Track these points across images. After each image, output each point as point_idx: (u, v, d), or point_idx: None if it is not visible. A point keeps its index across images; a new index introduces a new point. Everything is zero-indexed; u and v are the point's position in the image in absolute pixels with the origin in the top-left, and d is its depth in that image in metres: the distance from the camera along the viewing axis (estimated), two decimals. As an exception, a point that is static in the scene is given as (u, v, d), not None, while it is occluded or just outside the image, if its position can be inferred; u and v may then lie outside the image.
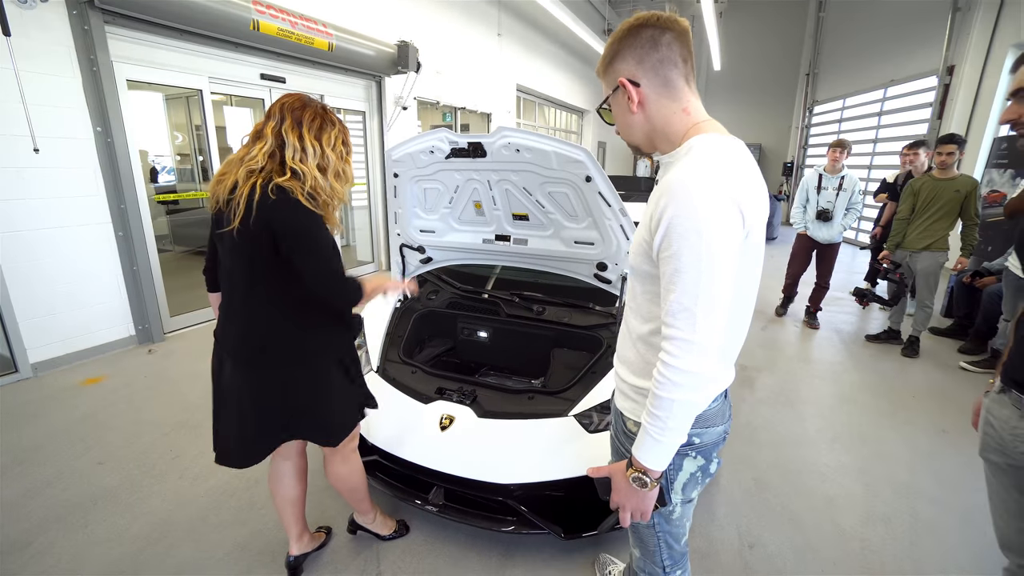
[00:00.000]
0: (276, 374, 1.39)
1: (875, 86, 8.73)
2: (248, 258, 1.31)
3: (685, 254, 0.81)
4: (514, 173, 1.95)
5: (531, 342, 2.37)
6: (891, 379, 3.40)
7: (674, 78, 0.93)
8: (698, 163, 0.85)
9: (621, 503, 0.96)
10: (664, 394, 0.85)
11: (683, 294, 0.82)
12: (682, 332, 0.83)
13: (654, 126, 0.96)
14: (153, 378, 3.26)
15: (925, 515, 2.08)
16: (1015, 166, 4.90)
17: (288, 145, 1.27)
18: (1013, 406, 1.13)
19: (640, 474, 0.91)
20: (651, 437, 0.88)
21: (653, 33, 0.90)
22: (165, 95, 6.34)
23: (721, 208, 0.82)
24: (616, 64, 0.95)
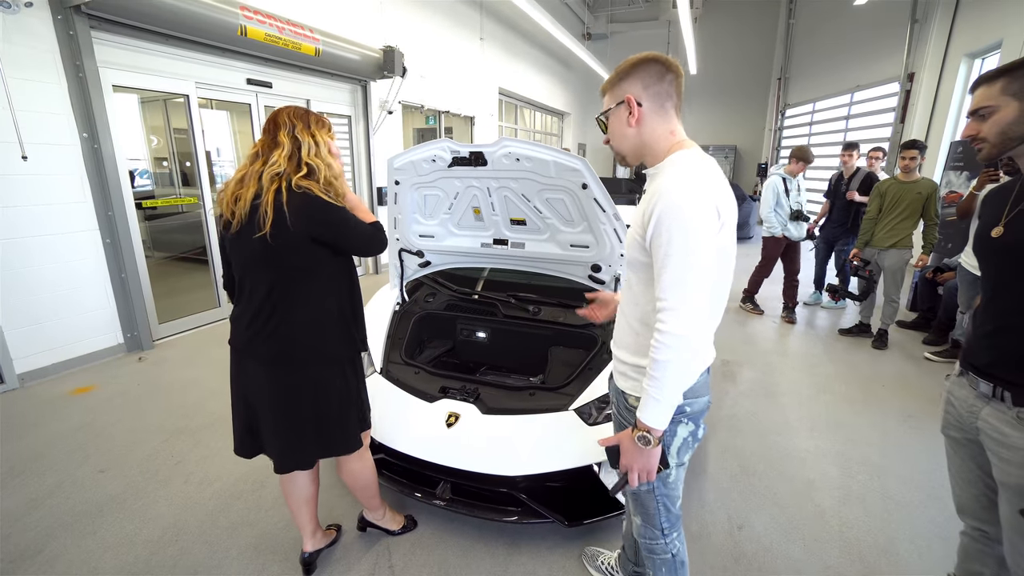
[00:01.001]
0: (305, 375, 1.49)
1: (843, 91, 9.13)
2: (280, 257, 1.39)
3: (675, 240, 1.01)
4: (513, 181, 2.04)
5: (529, 341, 2.47)
6: (862, 370, 3.62)
7: (668, 107, 1.14)
8: (681, 172, 1.06)
9: (629, 465, 1.13)
10: (661, 356, 1.02)
11: (674, 270, 1.01)
12: (674, 302, 1.01)
13: (644, 141, 1.16)
14: (146, 386, 3.25)
15: (895, 493, 2.26)
16: (970, 168, 5.22)
17: (304, 144, 1.41)
18: (969, 386, 1.28)
19: (644, 433, 1.08)
20: (652, 398, 1.05)
21: (660, 69, 1.12)
22: (141, 98, 6.23)
23: (700, 205, 1.02)
24: (625, 84, 1.14)
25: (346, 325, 1.54)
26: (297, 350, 1.47)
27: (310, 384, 1.50)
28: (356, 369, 1.63)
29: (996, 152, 1.14)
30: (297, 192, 1.36)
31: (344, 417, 1.59)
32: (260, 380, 1.50)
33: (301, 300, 1.45)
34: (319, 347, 1.49)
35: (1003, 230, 1.18)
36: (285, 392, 1.49)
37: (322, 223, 1.39)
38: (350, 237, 1.46)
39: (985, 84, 1.14)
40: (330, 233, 1.42)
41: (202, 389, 3.22)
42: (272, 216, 1.33)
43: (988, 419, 1.21)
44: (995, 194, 1.29)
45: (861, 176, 4.58)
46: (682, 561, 1.36)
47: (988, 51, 5.89)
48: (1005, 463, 1.17)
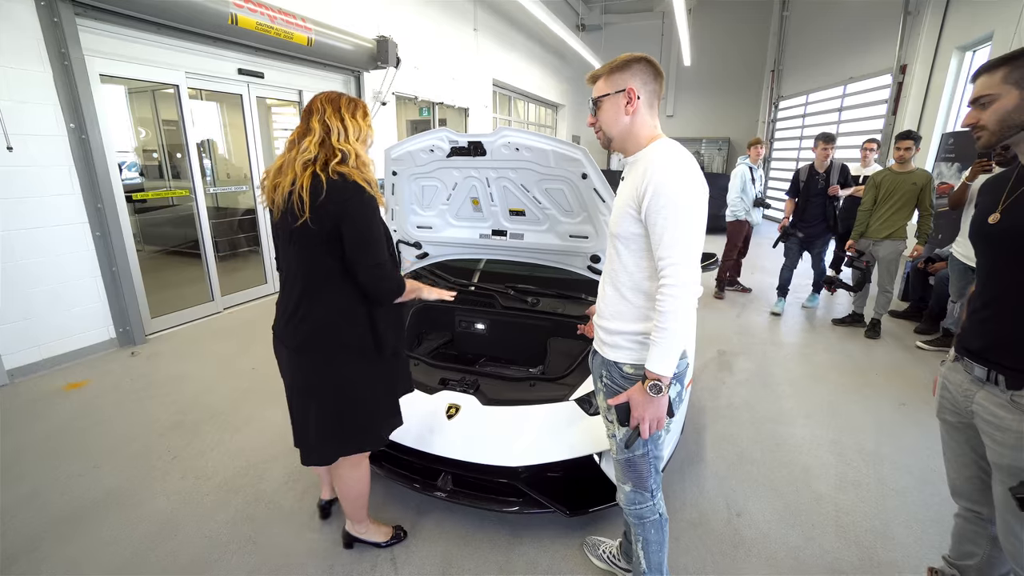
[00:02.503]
0: (328, 363, 1.48)
1: (835, 83, 9.15)
2: (312, 247, 1.40)
3: (671, 206, 1.15)
4: (512, 171, 2.03)
5: (528, 332, 2.46)
6: (856, 358, 3.66)
7: (655, 105, 1.31)
8: (669, 153, 1.22)
9: (641, 416, 1.24)
10: (669, 307, 1.15)
11: (675, 230, 1.15)
12: (677, 257, 1.15)
13: (632, 129, 1.29)
14: (140, 381, 3.21)
15: (889, 479, 2.29)
16: (961, 160, 5.26)
17: (333, 129, 1.40)
18: (964, 371, 1.30)
19: (655, 381, 1.20)
20: (661, 348, 1.18)
21: (654, 71, 1.28)
22: (128, 88, 6.11)
23: (690, 176, 1.19)
24: (627, 75, 1.26)
25: (372, 322, 1.50)
26: (320, 341, 1.46)
27: (332, 377, 1.49)
28: (386, 370, 1.57)
29: (995, 140, 1.14)
30: (334, 178, 1.35)
31: (366, 416, 1.56)
32: (291, 367, 1.54)
33: (329, 291, 1.44)
34: (343, 337, 1.47)
35: (1000, 216, 1.19)
36: (307, 382, 1.50)
37: (344, 215, 1.34)
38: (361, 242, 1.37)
39: (987, 73, 1.14)
40: (347, 223, 1.35)
41: (197, 383, 3.19)
42: (308, 201, 1.32)
43: (983, 403, 1.23)
44: (992, 182, 1.29)
45: (838, 169, 4.41)
46: (666, 518, 1.48)
47: (979, 43, 5.92)
48: (999, 445, 1.18)
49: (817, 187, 4.39)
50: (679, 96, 13.47)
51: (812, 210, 4.44)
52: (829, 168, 4.38)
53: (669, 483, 2.19)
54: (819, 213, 4.44)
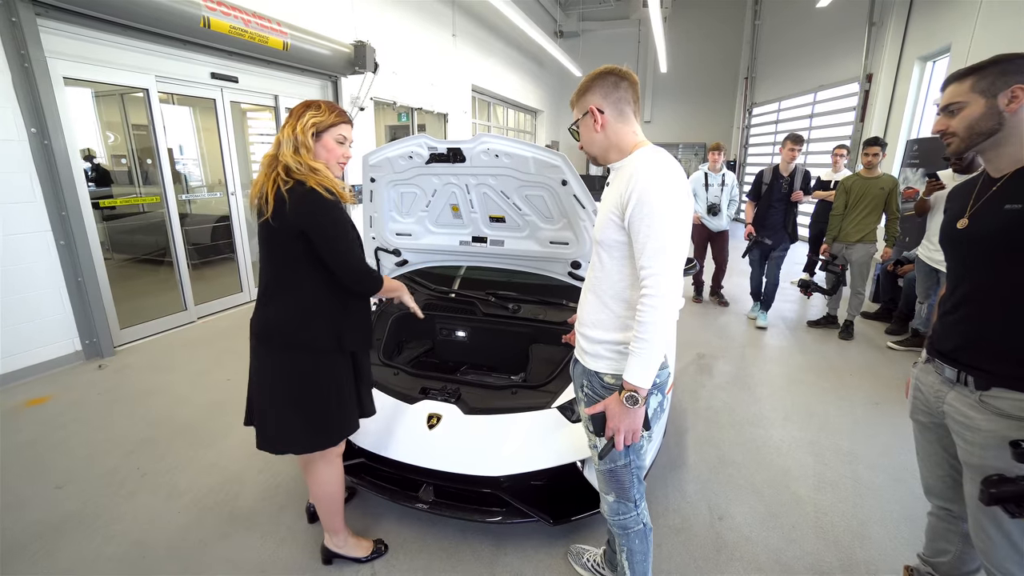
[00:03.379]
0: (284, 357, 1.52)
1: (806, 90, 9.43)
2: (273, 245, 1.48)
3: (655, 215, 1.14)
4: (492, 177, 2.02)
5: (509, 339, 2.45)
6: (831, 360, 3.75)
7: (627, 111, 1.28)
8: (651, 160, 1.20)
9: (617, 427, 1.22)
10: (649, 318, 1.14)
11: (658, 240, 1.14)
12: (659, 267, 1.14)
13: (611, 142, 1.29)
14: (107, 395, 3.08)
15: (865, 478, 2.34)
16: (925, 165, 5.47)
17: (284, 141, 1.46)
18: (935, 372, 1.33)
19: (632, 392, 1.18)
20: (640, 359, 1.16)
21: (615, 79, 1.26)
22: (95, 91, 5.92)
23: (673, 184, 1.17)
24: (588, 96, 1.28)
25: (334, 319, 1.54)
26: (279, 332, 1.52)
27: (288, 368, 1.53)
28: (344, 365, 1.60)
29: (964, 146, 1.18)
30: (291, 184, 1.40)
31: (324, 409, 1.56)
32: (253, 353, 1.57)
33: (290, 285, 1.50)
34: (300, 335, 1.51)
35: (967, 222, 1.23)
36: (266, 370, 1.55)
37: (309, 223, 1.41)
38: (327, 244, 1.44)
39: (955, 81, 1.18)
40: (313, 230, 1.42)
41: (168, 396, 3.08)
42: (272, 202, 1.40)
43: (953, 403, 1.26)
44: (960, 189, 1.34)
45: (801, 174, 4.21)
46: (650, 528, 1.47)
47: (939, 54, 6.18)
48: (969, 444, 1.22)
49: (780, 191, 4.17)
50: (656, 102, 13.69)
51: (773, 217, 4.23)
52: (793, 172, 4.17)
53: (652, 488, 2.20)
54: (779, 220, 4.23)
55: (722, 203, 4.86)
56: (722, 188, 4.85)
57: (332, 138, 1.51)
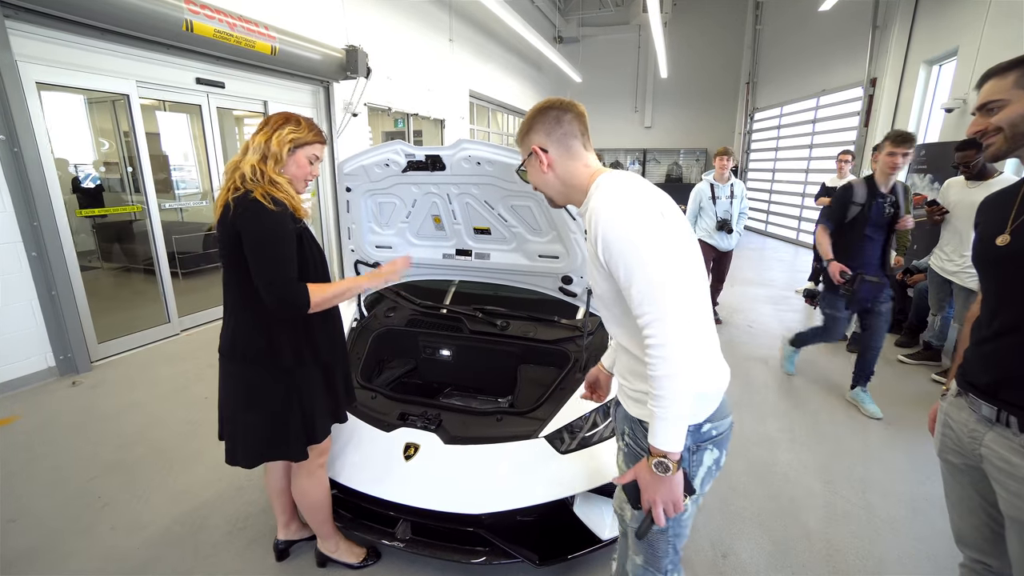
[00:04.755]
0: (247, 370, 1.50)
1: (809, 95, 9.29)
2: (224, 257, 1.46)
3: (627, 252, 0.97)
4: (475, 186, 1.87)
5: (496, 359, 2.29)
6: (840, 375, 3.57)
7: (575, 145, 1.14)
8: (607, 190, 1.05)
9: (652, 499, 1.02)
10: (659, 372, 0.96)
11: (641, 283, 0.97)
12: (651, 313, 0.97)
13: (563, 181, 1.16)
14: (78, 414, 2.94)
15: (880, 509, 2.17)
16: (933, 171, 5.31)
17: (250, 150, 1.43)
18: (970, 408, 1.17)
19: (660, 459, 0.99)
20: (660, 420, 0.98)
21: (558, 113, 1.13)
22: (88, 98, 5.82)
23: (636, 209, 1.00)
24: (530, 135, 1.16)
25: (292, 332, 1.50)
26: (238, 345, 1.49)
27: (248, 379, 1.51)
28: (312, 377, 1.56)
29: (1007, 149, 1.03)
30: (239, 194, 1.38)
31: (283, 422, 1.53)
32: (220, 369, 1.57)
33: (236, 302, 1.49)
34: (258, 346, 1.48)
35: (1009, 239, 1.07)
36: (229, 383, 1.54)
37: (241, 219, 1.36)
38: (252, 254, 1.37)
39: (996, 77, 1.03)
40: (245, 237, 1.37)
41: (144, 415, 2.93)
42: (219, 213, 1.40)
43: (992, 446, 1.10)
44: (995, 199, 1.18)
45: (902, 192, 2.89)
46: None
47: (945, 58, 6.03)
48: (1015, 496, 1.05)
49: (882, 215, 2.78)
50: (657, 107, 13.59)
51: (869, 251, 2.81)
52: (894, 188, 2.83)
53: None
54: (877, 255, 2.84)
55: (733, 217, 4.27)
56: (731, 200, 4.27)
57: (306, 156, 1.49)
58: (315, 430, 1.58)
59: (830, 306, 3.00)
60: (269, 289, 1.36)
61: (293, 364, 1.51)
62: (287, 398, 1.52)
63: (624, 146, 13.93)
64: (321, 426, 1.60)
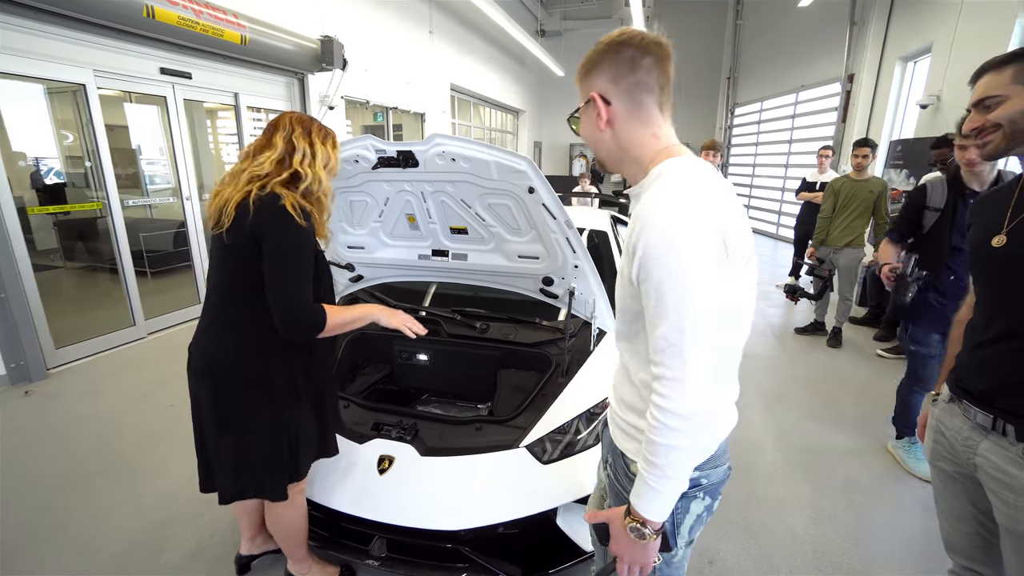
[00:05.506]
0: (226, 392, 1.37)
1: (788, 90, 9.38)
2: (228, 266, 1.33)
3: (666, 285, 0.77)
4: (450, 184, 1.78)
5: (475, 363, 2.20)
6: (821, 370, 3.59)
7: (647, 103, 0.88)
8: (670, 190, 0.81)
9: (619, 554, 0.89)
10: (661, 440, 0.79)
11: (670, 329, 0.77)
12: (672, 371, 0.78)
13: (621, 146, 0.92)
14: (30, 426, 2.76)
15: (864, 509, 2.15)
16: (909, 166, 5.39)
17: (298, 150, 1.32)
18: (964, 415, 1.13)
19: (638, 524, 0.84)
20: (648, 486, 0.82)
21: (634, 54, 0.86)
22: (47, 88, 5.51)
23: (697, 233, 0.77)
24: (592, 77, 0.90)
25: (289, 361, 1.39)
26: (225, 368, 1.36)
27: (232, 405, 1.37)
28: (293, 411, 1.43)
29: (1006, 147, 0.98)
30: (266, 195, 1.26)
31: (266, 456, 1.41)
32: (193, 387, 1.42)
33: (238, 319, 1.35)
34: (252, 371, 1.35)
35: (1005, 239, 1.02)
36: (210, 408, 1.39)
37: (265, 232, 1.25)
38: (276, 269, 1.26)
39: (992, 71, 0.98)
40: (267, 247, 1.25)
41: (103, 426, 2.76)
42: (234, 214, 1.26)
43: (988, 455, 1.06)
44: (988, 199, 1.14)
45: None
46: None
47: (919, 54, 6.11)
48: (1011, 508, 1.01)
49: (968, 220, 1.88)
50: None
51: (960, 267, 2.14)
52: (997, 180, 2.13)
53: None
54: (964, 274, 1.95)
55: None
56: None
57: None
58: (299, 468, 1.48)
59: (919, 340, 2.32)
60: (285, 307, 1.26)
61: (287, 395, 1.39)
62: (274, 431, 1.39)
63: (607, 141, 13.90)
64: (305, 463, 1.50)
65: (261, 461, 1.40)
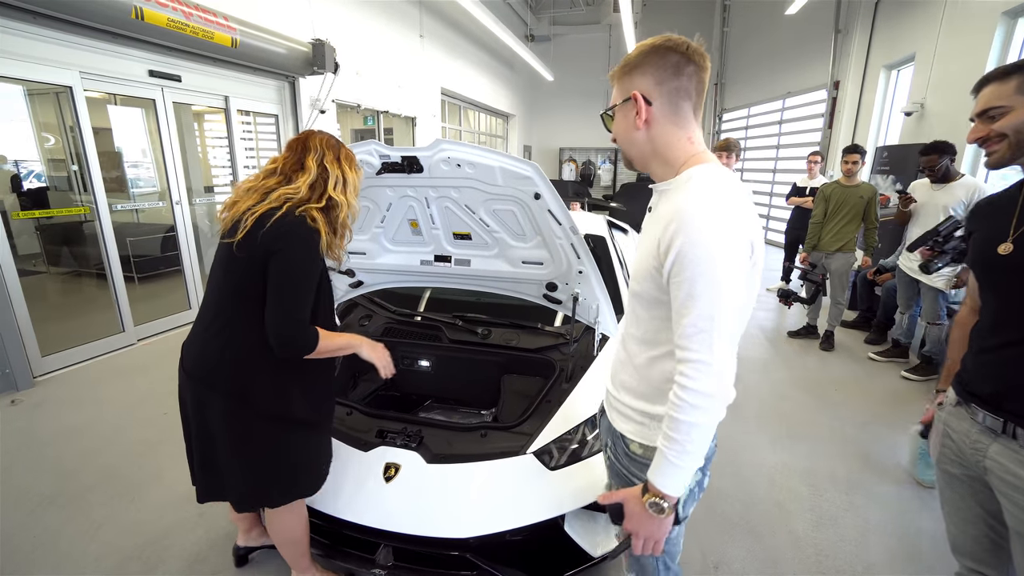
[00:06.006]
0: (212, 396, 1.36)
1: (775, 97, 9.53)
2: (236, 275, 1.32)
3: (699, 280, 0.84)
4: (455, 189, 1.77)
5: (478, 369, 2.19)
6: (815, 373, 3.63)
7: (685, 107, 0.95)
8: (708, 194, 0.88)
9: (635, 530, 0.96)
10: (684, 417, 0.86)
11: (699, 317, 0.85)
12: (699, 354, 0.85)
13: (655, 147, 0.98)
14: (17, 437, 2.67)
15: (864, 510, 2.18)
16: (896, 172, 5.50)
17: (331, 176, 1.35)
18: (971, 419, 1.14)
19: (658, 499, 0.91)
20: (669, 462, 0.89)
21: (679, 60, 0.93)
22: (28, 90, 5.38)
23: (732, 238, 0.86)
24: (635, 76, 0.96)
25: (281, 376, 1.37)
26: (216, 372, 1.35)
27: (216, 412, 1.36)
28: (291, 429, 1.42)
29: (1011, 156, 1.00)
30: (295, 216, 1.27)
31: (260, 469, 1.41)
32: (182, 385, 1.43)
33: (241, 331, 1.34)
34: (241, 379, 1.34)
35: (1012, 247, 1.04)
36: (195, 408, 1.38)
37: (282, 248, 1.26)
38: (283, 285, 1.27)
39: (996, 82, 1.00)
40: (280, 259, 1.26)
41: (92, 437, 2.69)
42: (251, 226, 1.26)
43: (998, 459, 1.08)
44: (992, 204, 1.16)
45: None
46: None
47: (903, 63, 6.26)
48: (1022, 510, 1.03)
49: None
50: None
51: None
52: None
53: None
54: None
55: None
56: None
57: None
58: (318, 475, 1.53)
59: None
60: (280, 324, 1.28)
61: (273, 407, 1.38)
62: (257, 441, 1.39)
63: (596, 145, 14.00)
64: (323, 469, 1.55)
65: (239, 468, 1.40)
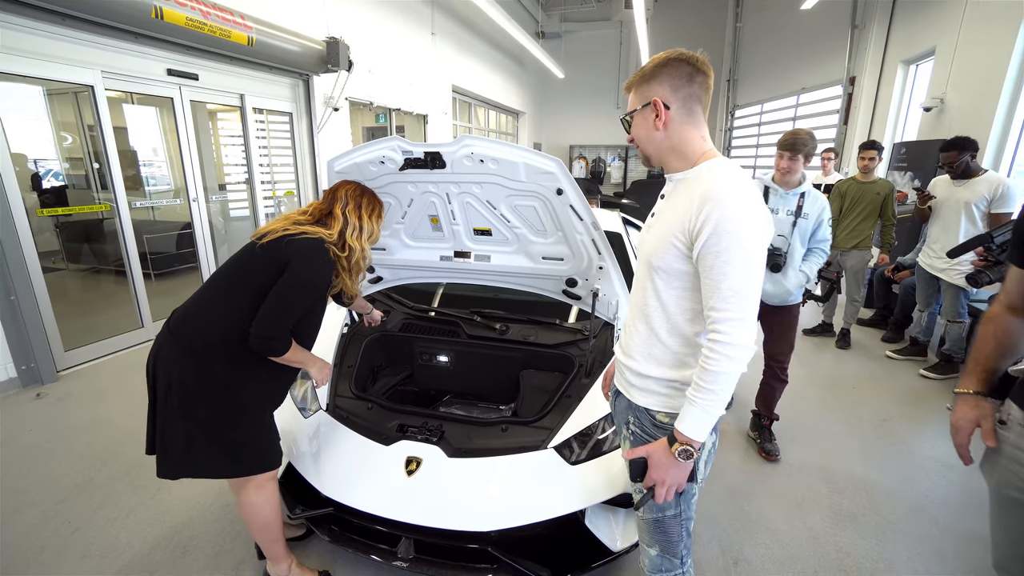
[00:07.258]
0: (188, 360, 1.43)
1: (789, 93, 9.43)
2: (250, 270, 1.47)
3: (734, 249, 0.98)
4: (477, 185, 1.78)
5: (497, 365, 2.20)
6: (831, 371, 3.60)
7: (697, 110, 1.11)
8: (732, 179, 1.03)
9: (661, 479, 1.08)
10: (720, 368, 0.99)
11: (736, 281, 0.98)
12: (736, 312, 0.99)
13: (672, 144, 1.12)
14: (42, 429, 2.73)
15: (884, 509, 2.16)
16: (913, 168, 5.43)
17: (350, 224, 1.55)
18: None
19: (686, 446, 1.04)
20: (702, 410, 1.02)
21: (691, 71, 1.08)
22: (47, 90, 5.48)
23: (756, 213, 1.02)
24: (653, 84, 1.10)
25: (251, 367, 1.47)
26: (191, 334, 1.45)
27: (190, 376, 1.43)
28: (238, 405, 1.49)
29: None
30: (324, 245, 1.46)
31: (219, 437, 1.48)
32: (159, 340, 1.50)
33: (227, 300, 1.46)
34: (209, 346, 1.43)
35: None
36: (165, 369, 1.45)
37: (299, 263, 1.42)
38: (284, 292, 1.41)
39: None
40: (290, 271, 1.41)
41: (115, 430, 2.74)
42: (279, 236, 1.45)
43: None
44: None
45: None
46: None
47: (922, 58, 6.16)
48: None
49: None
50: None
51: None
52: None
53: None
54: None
55: (793, 249, 2.36)
56: (796, 220, 2.33)
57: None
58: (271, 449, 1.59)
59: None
60: (266, 323, 1.39)
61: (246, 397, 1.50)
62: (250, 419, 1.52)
63: (606, 142, 13.94)
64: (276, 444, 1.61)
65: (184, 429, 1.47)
